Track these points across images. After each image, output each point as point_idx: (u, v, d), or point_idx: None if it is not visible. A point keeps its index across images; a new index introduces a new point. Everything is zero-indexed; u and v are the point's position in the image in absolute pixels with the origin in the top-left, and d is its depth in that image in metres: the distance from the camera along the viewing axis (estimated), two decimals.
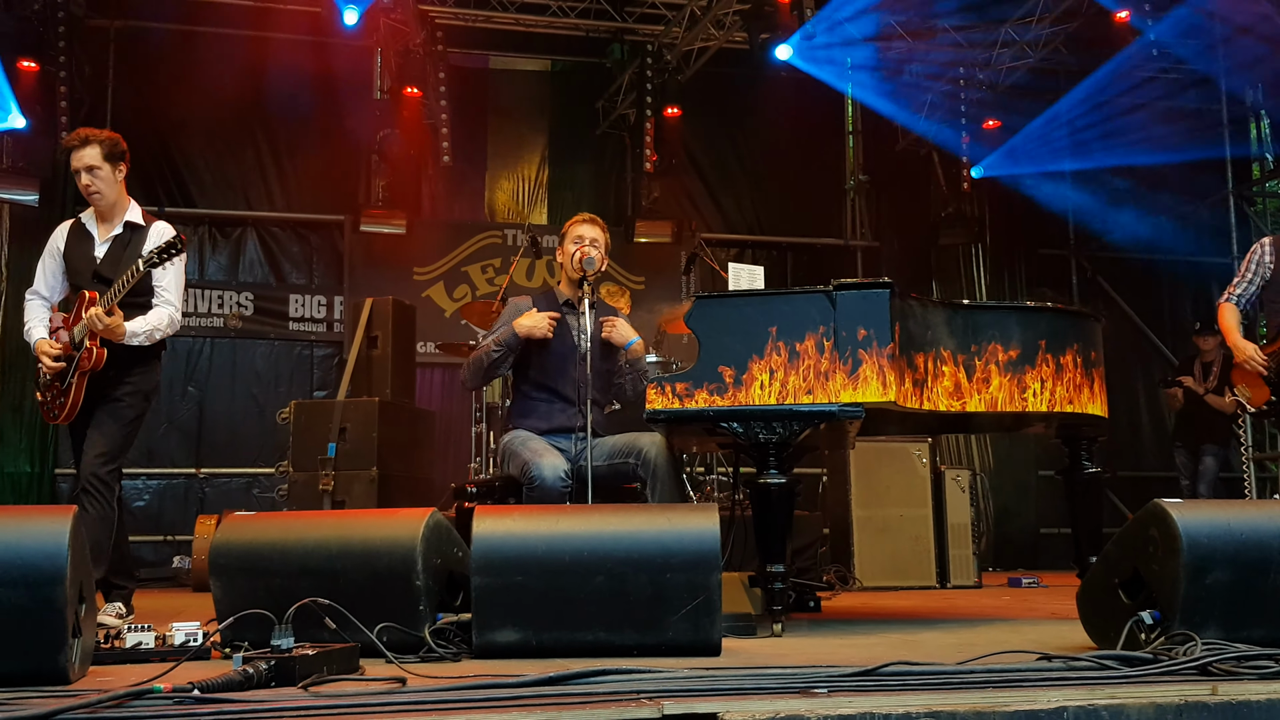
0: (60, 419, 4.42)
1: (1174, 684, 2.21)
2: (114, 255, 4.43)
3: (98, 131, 4.50)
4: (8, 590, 2.32)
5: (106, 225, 4.51)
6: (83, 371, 4.32)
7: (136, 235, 4.46)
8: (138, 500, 9.25)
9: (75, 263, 4.49)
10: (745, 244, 10.95)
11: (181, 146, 9.72)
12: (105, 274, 4.37)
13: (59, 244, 4.54)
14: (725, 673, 2.40)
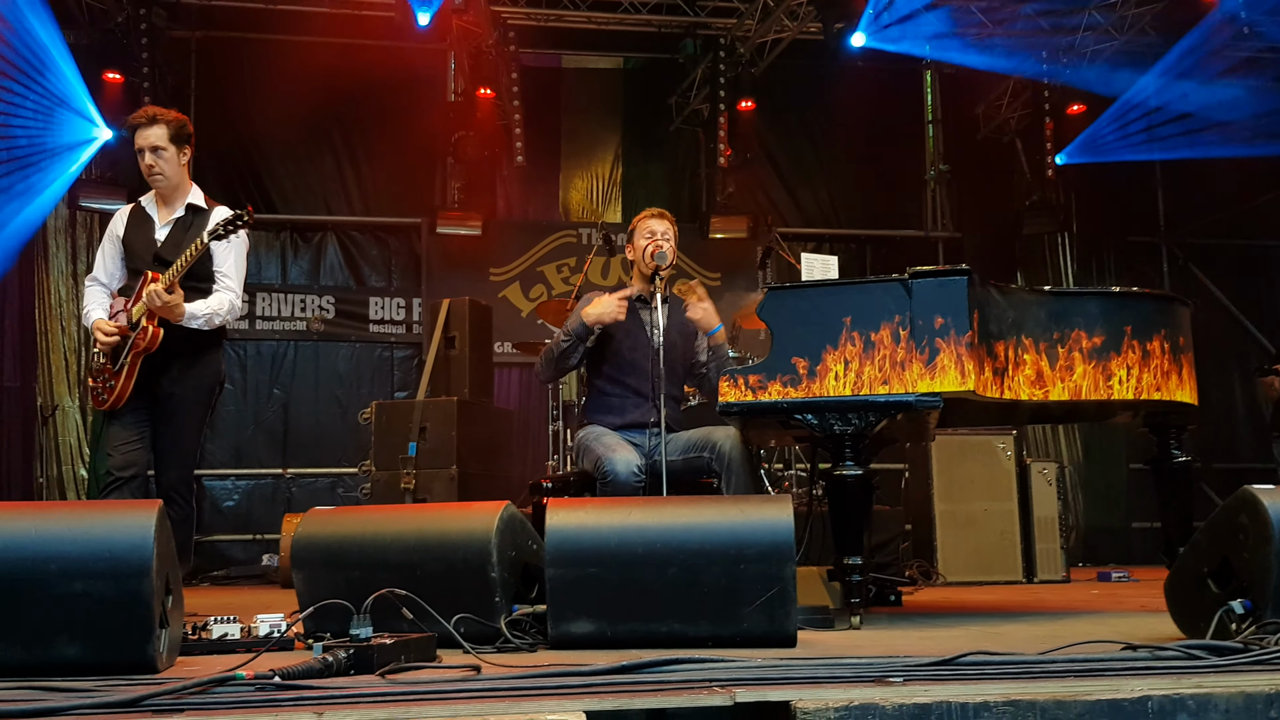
0: (108, 404, 4.26)
1: (1265, 673, 2.14)
2: (175, 238, 4.34)
3: (165, 111, 4.40)
4: (96, 583, 2.38)
5: (167, 209, 4.41)
6: (137, 352, 4.19)
7: (198, 218, 4.37)
8: (227, 500, 9.51)
9: (135, 246, 4.37)
10: (823, 237, 10.83)
11: (263, 153, 9.96)
12: (167, 256, 4.28)
13: (118, 229, 4.44)
14: (799, 662, 2.38)
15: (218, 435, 9.56)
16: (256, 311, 9.76)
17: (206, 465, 9.44)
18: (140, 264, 4.33)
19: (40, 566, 2.39)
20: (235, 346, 9.71)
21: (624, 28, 10.33)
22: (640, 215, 4.66)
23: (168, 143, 4.32)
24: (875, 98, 10.38)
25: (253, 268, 9.80)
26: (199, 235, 4.20)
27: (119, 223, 4.45)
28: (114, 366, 4.23)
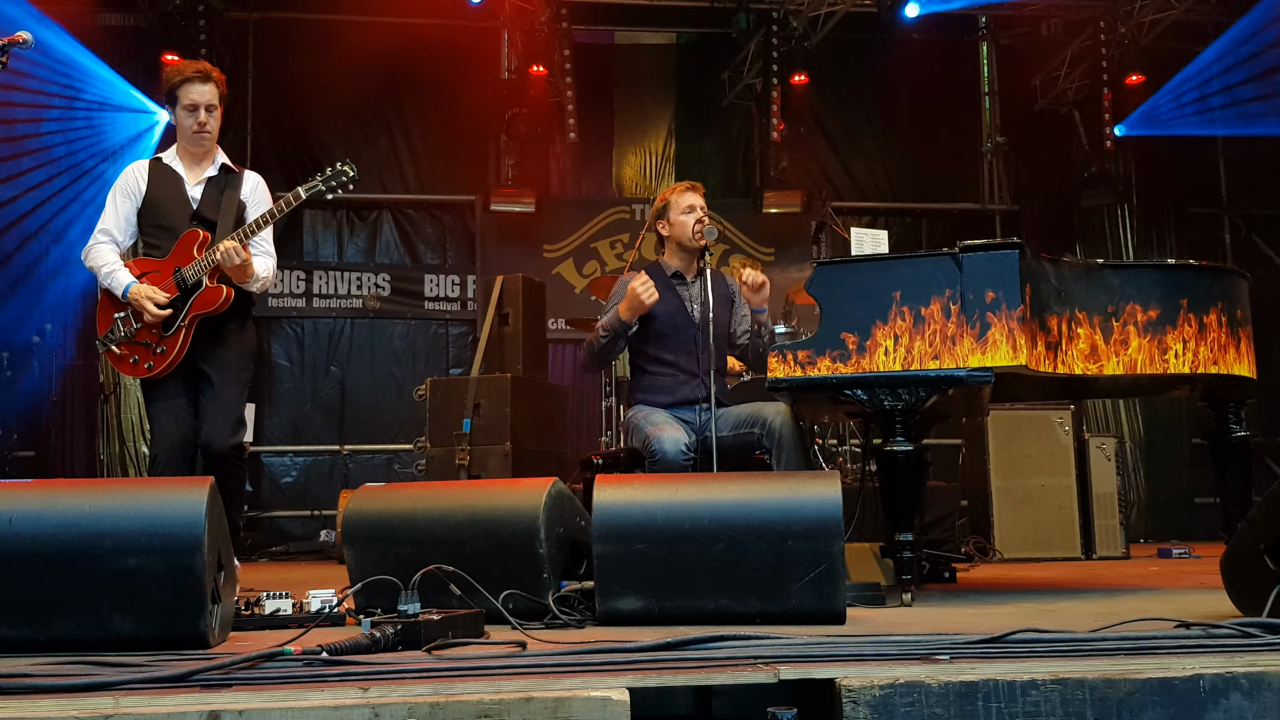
0: (158, 370, 4.08)
1: None
2: (211, 198, 4.20)
3: (213, 67, 4.29)
4: (149, 558, 2.43)
5: (197, 168, 4.26)
6: (197, 314, 4.07)
7: (231, 179, 4.28)
8: (285, 477, 9.68)
9: (167, 204, 4.20)
10: (878, 211, 10.72)
11: (319, 133, 10.04)
12: (207, 215, 4.17)
13: (139, 184, 4.22)
14: (846, 639, 2.36)
15: (276, 412, 9.74)
16: (313, 290, 9.88)
17: (265, 441, 9.62)
18: (174, 222, 4.17)
19: (95, 543, 2.44)
20: (292, 324, 9.87)
21: (677, 3, 10.28)
22: (672, 189, 4.58)
23: (218, 101, 4.24)
24: (930, 70, 10.22)
25: (309, 246, 9.98)
26: (236, 197, 4.18)
27: (137, 178, 4.24)
28: (164, 332, 4.07)
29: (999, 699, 1.99)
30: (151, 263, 4.15)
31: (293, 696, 1.89)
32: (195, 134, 4.21)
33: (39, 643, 2.44)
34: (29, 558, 2.46)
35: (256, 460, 9.66)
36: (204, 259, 4.05)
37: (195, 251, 4.09)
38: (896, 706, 1.98)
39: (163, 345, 4.07)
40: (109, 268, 4.14)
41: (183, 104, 4.19)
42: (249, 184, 4.30)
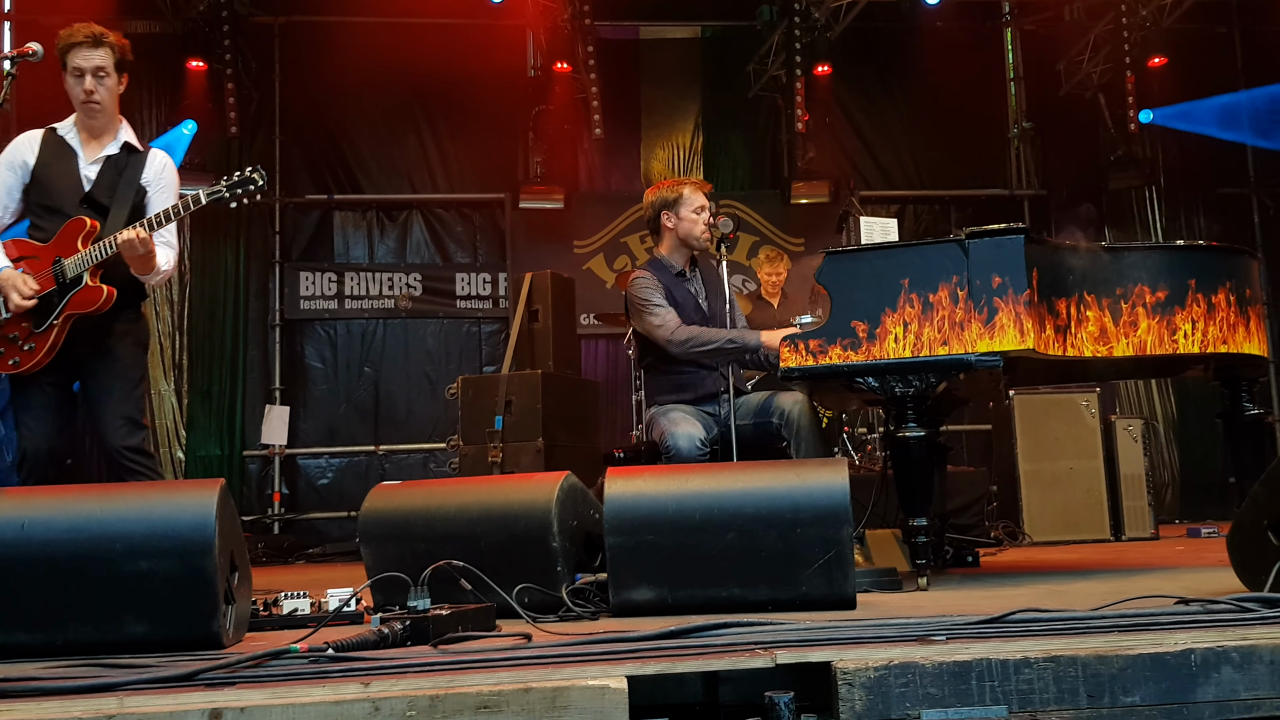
0: (24, 368, 3.71)
1: None
2: (108, 179, 3.83)
3: (108, 30, 3.86)
4: (161, 561, 2.48)
5: (95, 144, 3.88)
6: (73, 313, 3.72)
7: (134, 159, 3.90)
8: (321, 479, 9.82)
9: (55, 183, 3.81)
10: (906, 199, 10.71)
11: (348, 135, 10.17)
12: (100, 199, 3.80)
13: (26, 157, 3.81)
14: (846, 624, 2.39)
15: (310, 414, 9.89)
16: (345, 291, 10.01)
17: (300, 444, 9.78)
18: (62, 204, 3.80)
19: (107, 547, 2.49)
20: (325, 326, 10.01)
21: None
22: (684, 184, 4.56)
23: (112, 68, 3.84)
24: (954, 57, 10.17)
25: (340, 248, 10.11)
26: (137, 179, 3.84)
27: (26, 150, 3.83)
28: (34, 327, 3.71)
29: (992, 677, 2.02)
30: (32, 247, 3.78)
31: (294, 693, 1.93)
32: (84, 104, 3.81)
33: (54, 646, 2.49)
34: (42, 563, 2.51)
35: (293, 462, 9.82)
36: (88, 252, 3.70)
37: (80, 243, 3.72)
38: (891, 687, 2.01)
39: (31, 342, 3.72)
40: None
41: (70, 69, 3.80)
42: (154, 165, 3.92)
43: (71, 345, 3.75)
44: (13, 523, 2.54)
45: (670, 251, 4.60)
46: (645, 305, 4.42)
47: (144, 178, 3.88)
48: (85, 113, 3.84)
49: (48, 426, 3.78)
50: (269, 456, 9.74)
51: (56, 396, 3.80)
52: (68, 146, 3.86)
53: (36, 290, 3.68)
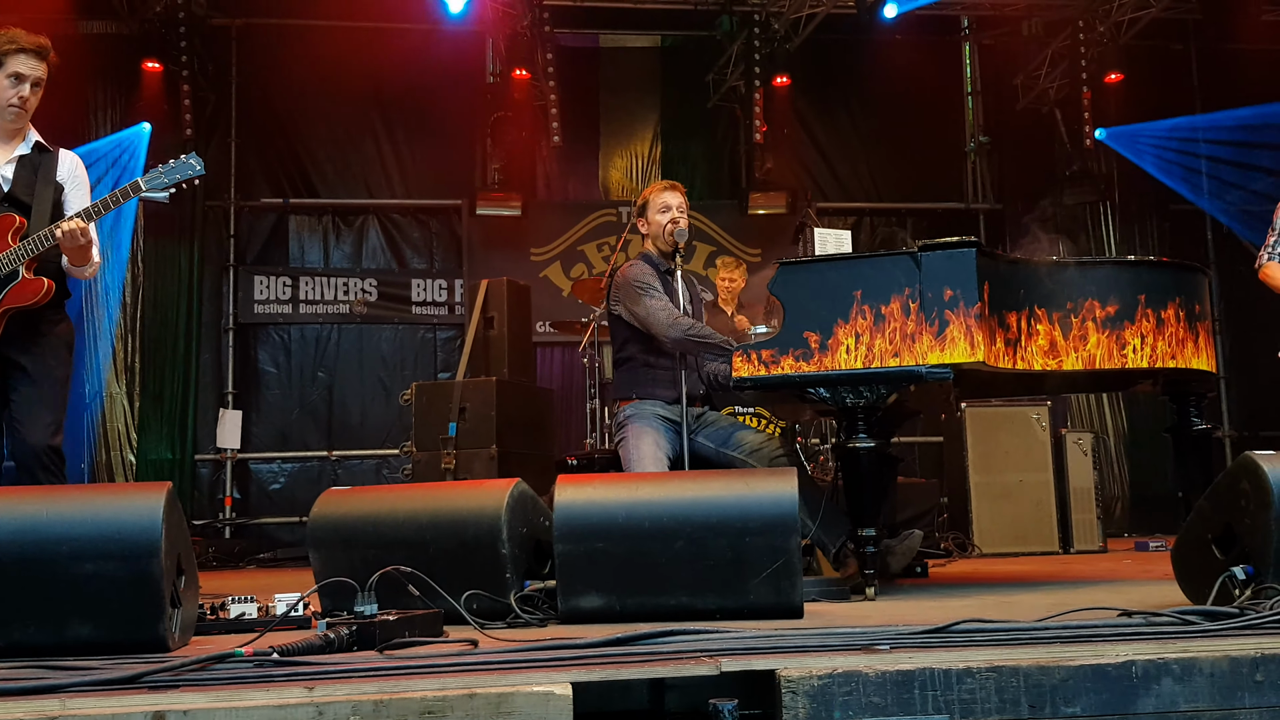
0: None
1: (1252, 637, 2.13)
2: (24, 178, 3.86)
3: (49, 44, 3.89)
4: (107, 563, 2.45)
5: (6, 146, 3.90)
6: (10, 307, 3.71)
7: (46, 158, 3.94)
8: (273, 483, 9.74)
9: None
10: (863, 211, 10.81)
11: (304, 139, 10.10)
12: (20, 197, 3.82)
13: None
14: (792, 632, 2.40)
15: (263, 419, 9.81)
16: (300, 295, 9.93)
17: (252, 449, 9.68)
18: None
19: (51, 548, 2.46)
20: (279, 330, 9.93)
21: (661, 6, 10.32)
22: (651, 188, 4.63)
23: (44, 79, 3.89)
24: (913, 70, 10.28)
25: (295, 252, 10.03)
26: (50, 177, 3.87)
27: None
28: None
29: (935, 687, 2.03)
30: None
31: (238, 696, 1.92)
32: (12, 107, 3.83)
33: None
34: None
35: (245, 467, 9.71)
36: (20, 247, 3.72)
37: (10, 239, 3.73)
38: (835, 696, 2.02)
39: None
40: None
41: (8, 72, 3.82)
42: (65, 164, 3.97)
43: (2, 344, 3.73)
44: None
45: (653, 252, 4.62)
46: (645, 290, 4.38)
47: (59, 175, 3.92)
48: (8, 116, 3.86)
49: None
50: (221, 461, 9.63)
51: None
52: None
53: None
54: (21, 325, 3.75)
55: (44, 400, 3.76)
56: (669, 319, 4.29)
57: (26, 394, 3.75)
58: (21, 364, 3.77)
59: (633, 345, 4.55)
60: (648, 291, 4.39)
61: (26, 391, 3.75)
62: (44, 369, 3.78)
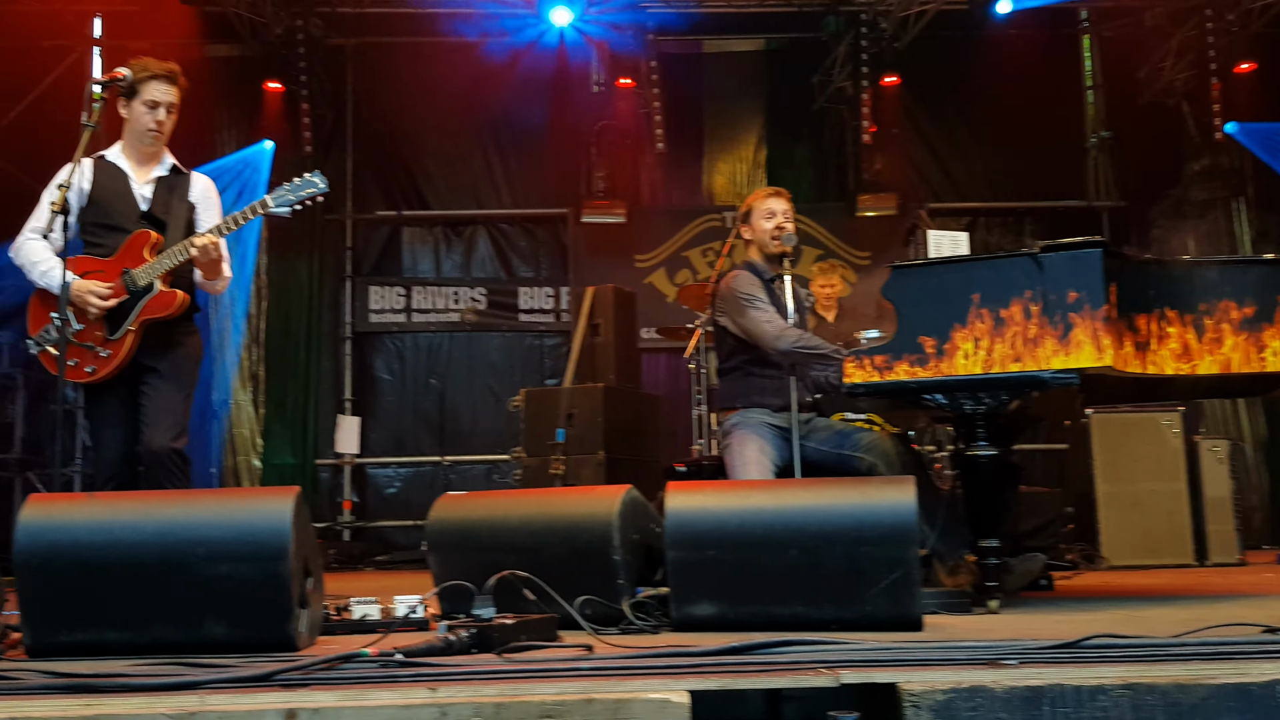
0: (101, 375, 3.88)
1: None
2: (161, 198, 4.06)
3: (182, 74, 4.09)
4: (239, 565, 2.55)
5: (144, 168, 4.10)
6: (147, 318, 3.89)
7: (180, 180, 4.15)
8: (389, 487, 9.99)
9: (113, 203, 4.02)
10: (978, 212, 10.55)
11: (416, 153, 10.33)
12: (158, 215, 4.03)
13: (82, 181, 3.98)
14: (913, 645, 2.34)
15: (379, 425, 10.07)
16: (413, 305, 10.17)
17: (369, 453, 9.93)
18: (122, 221, 4.00)
19: (189, 550, 2.57)
20: (393, 339, 10.19)
21: (765, 9, 10.24)
22: (755, 195, 4.59)
23: (177, 104, 4.08)
24: (1028, 65, 9.98)
25: (408, 263, 10.28)
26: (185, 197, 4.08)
27: (81, 177, 3.99)
28: (109, 335, 3.88)
29: (1065, 704, 1.96)
30: (95, 262, 3.95)
31: (365, 695, 1.97)
32: (150, 132, 4.04)
33: (138, 645, 2.57)
34: (130, 565, 2.60)
35: (362, 471, 9.97)
36: (157, 262, 3.90)
37: (146, 253, 3.92)
38: (959, 711, 1.97)
39: (107, 349, 3.89)
40: (44, 264, 3.91)
41: (144, 99, 4.01)
42: (199, 186, 4.18)
43: (138, 352, 3.91)
44: (101, 526, 2.64)
45: (757, 259, 4.57)
46: (750, 301, 4.34)
47: (192, 196, 4.13)
48: (146, 140, 4.06)
49: (126, 433, 3.94)
50: (340, 465, 9.89)
51: (128, 403, 3.95)
52: (119, 170, 4.08)
53: (111, 295, 3.87)
54: (156, 335, 3.94)
55: (170, 406, 3.92)
56: (775, 331, 4.24)
57: (155, 399, 3.92)
58: (154, 371, 3.94)
59: (739, 355, 4.51)
60: (753, 303, 4.34)
61: (155, 397, 3.92)
62: (173, 377, 3.95)
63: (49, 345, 3.88)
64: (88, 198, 4.00)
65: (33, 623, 2.65)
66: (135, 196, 4.05)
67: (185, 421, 3.98)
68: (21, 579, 2.65)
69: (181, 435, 3.92)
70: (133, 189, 4.06)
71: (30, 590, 2.65)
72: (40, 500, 2.80)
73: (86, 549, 2.62)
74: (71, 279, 3.81)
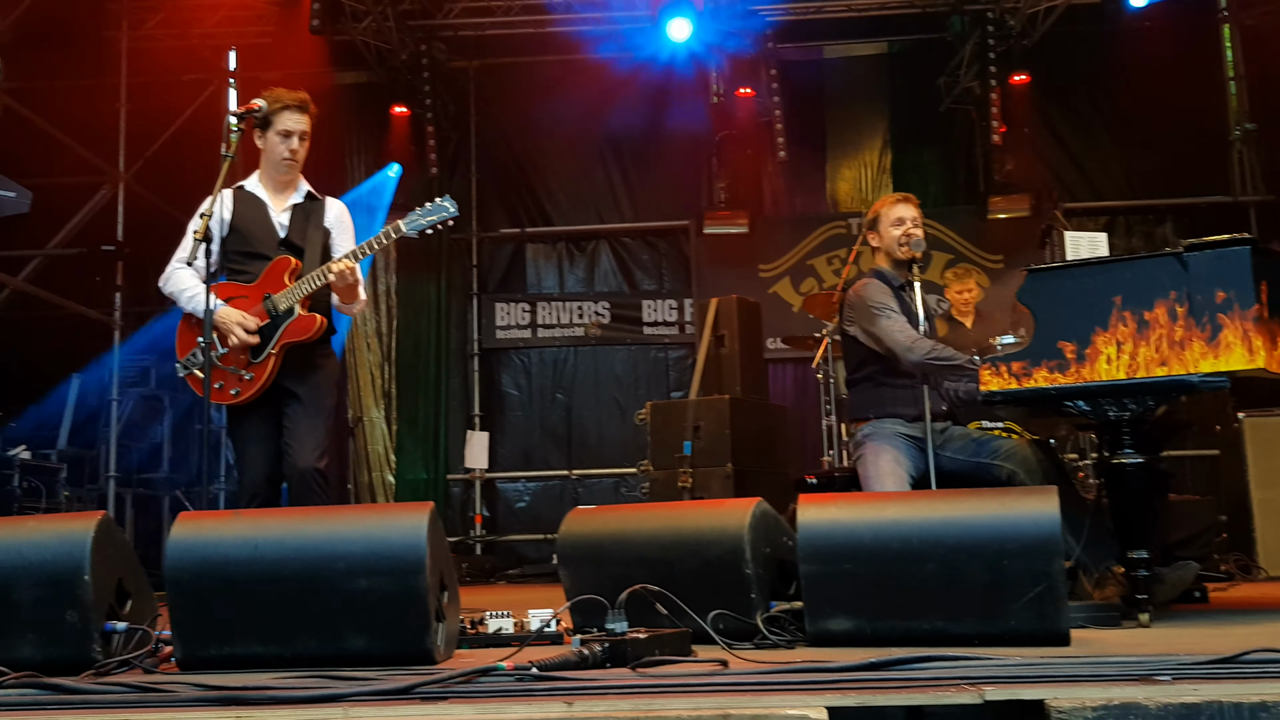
0: (245, 397, 4.00)
1: None
2: (298, 224, 4.19)
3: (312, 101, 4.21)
4: (377, 579, 2.60)
5: (281, 196, 4.23)
6: (288, 342, 4.01)
7: (316, 206, 4.27)
8: (519, 501, 10.16)
9: (254, 231, 4.15)
10: (1116, 210, 10.20)
11: (538, 170, 10.55)
12: (295, 241, 4.15)
13: (224, 214, 4.09)
14: (1060, 660, 2.26)
15: (507, 440, 10.26)
16: (538, 320, 10.34)
17: (498, 468, 10.12)
18: (262, 248, 4.13)
19: (329, 565, 2.63)
20: (520, 355, 10.37)
21: (887, 11, 10.09)
22: (883, 201, 4.50)
23: (309, 132, 4.20)
24: (1165, 57, 9.61)
25: (532, 279, 10.45)
26: (320, 223, 4.20)
27: (222, 208, 4.07)
28: (253, 359, 4.01)
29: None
30: (238, 288, 4.09)
31: (502, 709, 1.99)
32: (285, 160, 4.16)
33: (283, 659, 2.65)
34: (273, 580, 2.68)
35: (492, 486, 10.15)
36: (296, 286, 4.02)
37: (286, 279, 4.05)
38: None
39: (250, 372, 4.02)
40: (190, 291, 4.07)
41: (278, 129, 4.14)
42: (333, 211, 4.29)
43: (279, 375, 4.04)
44: (247, 542, 2.72)
45: (886, 266, 4.49)
46: (882, 310, 4.27)
47: (327, 221, 4.24)
48: (281, 169, 4.19)
49: (268, 452, 4.07)
50: (470, 480, 10.09)
51: (271, 423, 4.08)
52: (257, 199, 4.21)
53: (258, 323, 4.00)
54: (296, 358, 4.07)
55: (313, 426, 4.04)
56: (908, 341, 4.15)
57: (298, 420, 4.04)
58: (296, 393, 4.06)
59: (869, 364, 4.42)
60: (884, 312, 4.26)
61: (298, 418, 4.04)
62: (315, 398, 4.07)
63: (195, 368, 4.05)
64: (229, 227, 4.13)
65: (183, 636, 2.73)
66: (274, 224, 4.18)
67: (327, 441, 4.10)
68: (172, 594, 2.73)
69: (324, 455, 4.04)
70: (271, 217, 4.18)
71: (180, 605, 2.73)
72: (190, 518, 2.88)
73: (233, 565, 2.70)
74: (218, 305, 3.96)
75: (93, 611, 2.69)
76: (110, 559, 2.81)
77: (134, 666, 2.70)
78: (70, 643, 2.71)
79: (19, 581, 2.73)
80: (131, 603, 2.87)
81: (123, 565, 2.88)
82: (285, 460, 4.02)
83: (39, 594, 2.72)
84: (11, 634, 2.73)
